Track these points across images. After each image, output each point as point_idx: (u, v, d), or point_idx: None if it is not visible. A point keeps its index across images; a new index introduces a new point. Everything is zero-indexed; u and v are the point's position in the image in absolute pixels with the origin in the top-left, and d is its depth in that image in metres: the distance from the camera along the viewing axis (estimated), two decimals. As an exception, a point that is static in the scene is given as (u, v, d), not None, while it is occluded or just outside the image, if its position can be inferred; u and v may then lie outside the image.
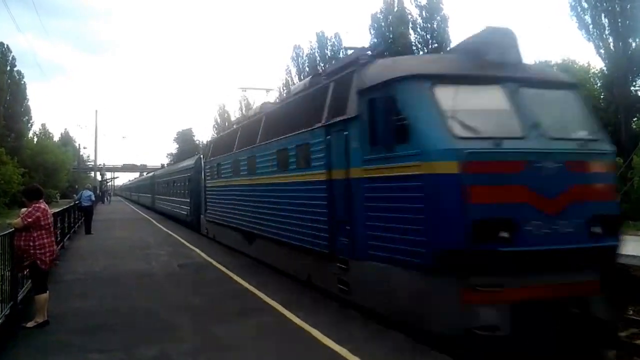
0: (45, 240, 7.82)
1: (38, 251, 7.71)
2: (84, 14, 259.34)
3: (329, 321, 7.96)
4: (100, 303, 9.45)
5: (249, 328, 7.74)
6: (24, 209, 7.96)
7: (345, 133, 8.49)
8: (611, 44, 29.73)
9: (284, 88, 63.12)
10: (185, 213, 26.43)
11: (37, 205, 7.95)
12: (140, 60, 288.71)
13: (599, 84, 34.50)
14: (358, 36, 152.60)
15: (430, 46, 42.61)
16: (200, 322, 8.08)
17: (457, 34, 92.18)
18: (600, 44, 30.15)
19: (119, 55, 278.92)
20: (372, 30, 46.67)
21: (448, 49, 41.45)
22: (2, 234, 8.12)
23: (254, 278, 11.63)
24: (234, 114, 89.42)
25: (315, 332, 7.33)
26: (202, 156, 23.13)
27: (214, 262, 14.33)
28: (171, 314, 8.59)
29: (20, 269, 8.26)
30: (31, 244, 7.69)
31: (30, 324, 7.76)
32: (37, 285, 8.10)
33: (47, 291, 8.06)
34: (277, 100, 18.59)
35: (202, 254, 16.03)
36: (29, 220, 7.71)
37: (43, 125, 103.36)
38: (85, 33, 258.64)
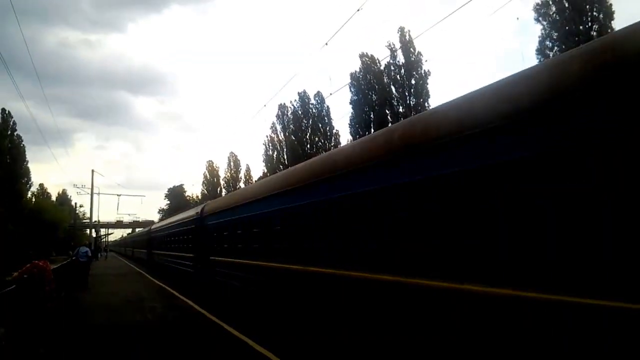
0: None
1: None
2: (81, 79, 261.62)
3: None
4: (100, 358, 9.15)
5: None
6: None
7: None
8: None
9: (270, 144, 63.76)
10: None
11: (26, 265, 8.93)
12: (134, 119, 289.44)
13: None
14: (341, 93, 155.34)
15: (408, 101, 43.54)
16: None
17: (441, 87, 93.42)
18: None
19: (113, 118, 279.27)
20: (352, 89, 47.51)
21: (426, 104, 42.64)
22: None
23: (247, 329, 11.40)
24: (223, 171, 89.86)
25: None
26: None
27: (207, 314, 14.03)
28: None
29: None
30: None
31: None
32: None
33: None
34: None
35: (196, 306, 15.72)
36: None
37: (41, 185, 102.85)
38: (81, 99, 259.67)
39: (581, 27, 31.13)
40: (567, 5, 31.63)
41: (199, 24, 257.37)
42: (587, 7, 31.17)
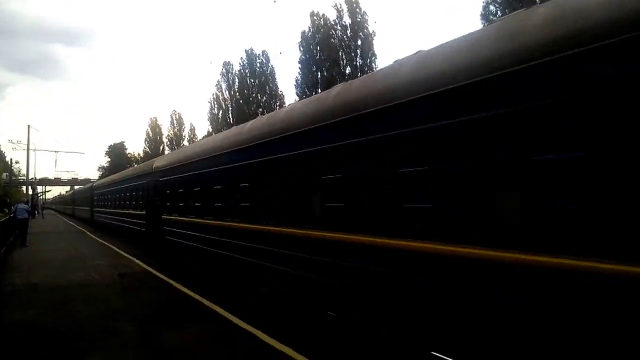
0: None
1: None
2: (13, 31, 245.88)
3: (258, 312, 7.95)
4: (42, 313, 8.94)
5: (192, 332, 7.62)
6: None
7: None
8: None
9: (215, 103, 62.04)
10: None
11: None
12: (72, 74, 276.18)
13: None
14: (291, 53, 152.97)
15: (355, 62, 43.43)
16: (143, 327, 7.84)
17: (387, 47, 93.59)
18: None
19: (49, 72, 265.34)
20: (301, 48, 46.65)
21: (373, 64, 42.77)
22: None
23: (191, 283, 11.44)
24: (166, 128, 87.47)
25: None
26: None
27: (153, 271, 13.95)
28: (114, 321, 8.28)
29: None
30: None
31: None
32: None
33: None
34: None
35: (141, 263, 15.58)
36: None
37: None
38: (15, 51, 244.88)
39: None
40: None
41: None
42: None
